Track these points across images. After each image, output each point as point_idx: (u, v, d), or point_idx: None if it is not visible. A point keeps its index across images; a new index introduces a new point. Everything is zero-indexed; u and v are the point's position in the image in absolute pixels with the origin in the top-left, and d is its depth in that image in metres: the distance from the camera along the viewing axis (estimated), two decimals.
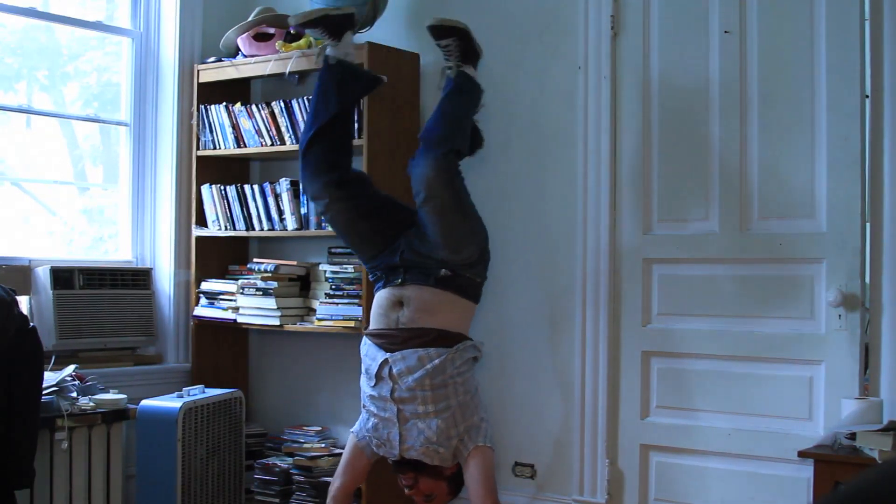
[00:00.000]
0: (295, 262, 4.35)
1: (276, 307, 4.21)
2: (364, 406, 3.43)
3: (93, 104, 4.61)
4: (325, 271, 4.20)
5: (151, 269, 4.50)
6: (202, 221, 4.52)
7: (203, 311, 4.47)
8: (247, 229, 4.41)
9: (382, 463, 3.61)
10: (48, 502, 3.61)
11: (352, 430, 3.47)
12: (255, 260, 4.42)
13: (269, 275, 4.24)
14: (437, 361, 3.25)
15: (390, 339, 3.31)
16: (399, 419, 3.30)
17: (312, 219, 4.19)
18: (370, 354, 3.36)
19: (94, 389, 3.86)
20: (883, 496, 1.24)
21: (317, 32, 3.64)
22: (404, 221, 3.43)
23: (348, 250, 4.20)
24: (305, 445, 4.25)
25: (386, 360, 3.29)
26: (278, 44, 4.25)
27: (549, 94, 3.91)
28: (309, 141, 3.51)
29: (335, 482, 3.49)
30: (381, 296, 3.39)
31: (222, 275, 4.54)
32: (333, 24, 3.61)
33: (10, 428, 3.29)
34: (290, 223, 4.25)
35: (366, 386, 3.40)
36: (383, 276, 3.39)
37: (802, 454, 2.85)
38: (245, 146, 4.38)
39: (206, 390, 4.06)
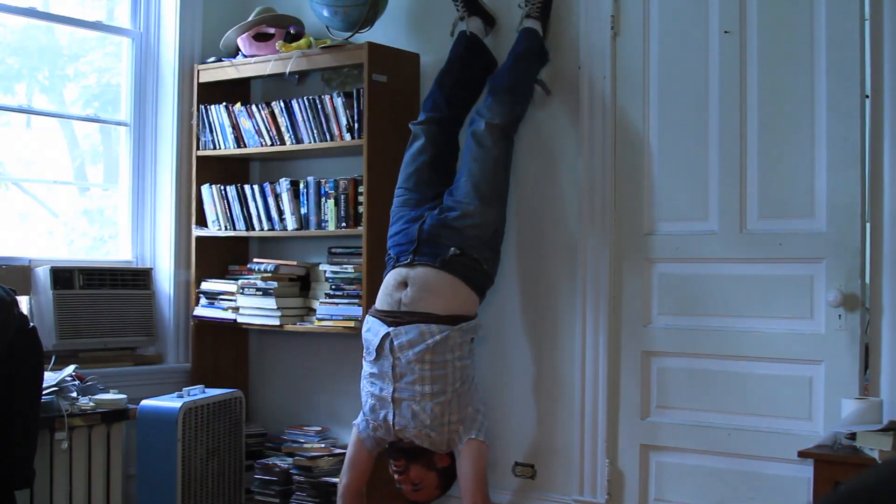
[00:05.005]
0: (295, 262, 4.35)
1: (276, 307, 4.21)
2: (363, 389, 3.48)
3: (93, 104, 4.61)
4: (325, 271, 4.20)
5: (151, 269, 4.50)
6: (202, 221, 4.52)
7: (203, 311, 4.47)
8: (247, 229, 4.41)
9: (383, 462, 3.62)
10: (48, 502, 3.61)
11: (354, 421, 3.54)
12: (255, 260, 4.42)
13: (269, 275, 4.24)
14: (438, 337, 3.35)
15: (393, 317, 3.41)
16: (394, 400, 3.34)
17: (312, 219, 4.19)
18: (372, 330, 3.47)
19: (94, 389, 3.86)
20: (883, 496, 1.24)
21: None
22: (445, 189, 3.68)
23: (348, 250, 4.21)
24: (305, 445, 4.25)
25: (388, 334, 3.38)
26: (278, 44, 4.25)
27: (550, 94, 3.91)
28: (444, 74, 3.88)
29: (342, 479, 3.56)
30: (388, 276, 3.55)
31: (222, 275, 4.54)
32: (473, 3, 3.93)
33: (10, 428, 3.29)
34: (290, 223, 4.25)
35: (366, 365, 3.46)
36: (395, 256, 3.56)
37: (802, 454, 2.85)
38: (245, 146, 4.38)
39: (206, 390, 4.06)
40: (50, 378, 3.65)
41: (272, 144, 4.30)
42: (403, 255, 3.52)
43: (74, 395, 3.73)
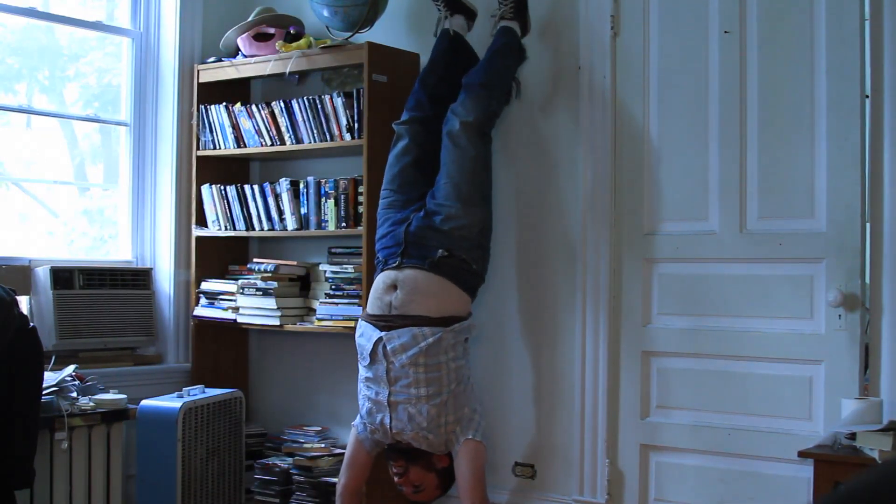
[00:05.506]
0: (295, 262, 4.35)
1: (276, 307, 4.21)
2: (360, 392, 3.49)
3: (93, 104, 4.61)
4: (325, 271, 4.20)
5: (151, 269, 4.50)
6: (202, 221, 4.52)
7: (203, 311, 4.47)
8: (247, 229, 4.41)
9: (383, 462, 3.62)
10: (48, 502, 3.61)
11: (353, 422, 3.54)
12: (255, 260, 4.42)
13: (269, 275, 4.24)
14: (430, 339, 3.34)
15: (385, 321, 3.40)
16: (390, 404, 3.34)
17: (312, 219, 4.19)
18: (365, 335, 3.46)
19: (94, 389, 3.86)
20: (882, 496, 1.24)
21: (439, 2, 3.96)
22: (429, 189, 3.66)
23: (348, 250, 4.21)
24: (305, 445, 4.25)
25: (380, 339, 3.37)
26: (278, 44, 4.25)
27: (548, 95, 3.91)
28: (426, 73, 3.90)
29: (340, 479, 3.56)
30: (377, 280, 3.53)
31: (222, 275, 4.54)
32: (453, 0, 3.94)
33: (10, 428, 3.29)
34: (290, 223, 4.25)
35: (361, 369, 3.48)
36: (383, 259, 3.54)
37: (802, 454, 2.85)
38: (245, 146, 4.38)
39: (206, 390, 4.06)
40: (50, 378, 3.65)
41: (272, 144, 4.30)
42: (391, 258, 3.51)
43: (74, 395, 3.73)
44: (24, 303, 4.01)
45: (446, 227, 3.48)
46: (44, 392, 3.51)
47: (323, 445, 4.24)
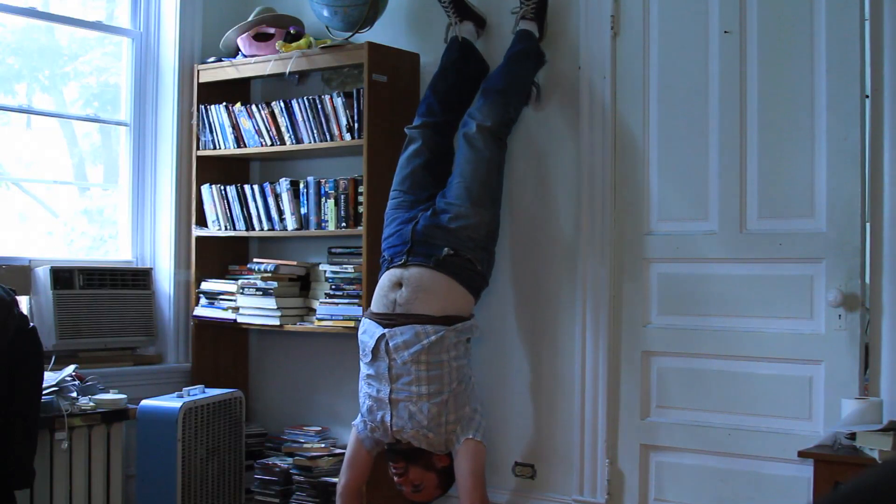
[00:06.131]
0: (295, 262, 4.35)
1: (276, 307, 4.21)
2: (361, 390, 3.50)
3: (93, 104, 4.61)
4: (325, 271, 4.20)
5: (151, 269, 4.50)
6: (202, 221, 4.52)
7: (203, 311, 4.47)
8: (247, 229, 4.41)
9: (383, 462, 3.62)
10: (48, 502, 3.61)
11: (353, 422, 3.54)
12: (255, 260, 4.42)
13: (269, 275, 4.25)
14: (433, 337, 3.35)
15: (388, 318, 3.42)
16: (391, 402, 3.34)
17: (312, 219, 4.19)
18: (368, 332, 3.47)
19: (94, 389, 3.86)
20: (882, 496, 1.24)
21: (446, 4, 3.95)
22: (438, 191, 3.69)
23: (348, 250, 4.21)
24: (305, 445, 4.25)
25: (383, 335, 3.39)
26: (278, 44, 4.25)
27: (549, 95, 3.91)
28: (438, 78, 3.93)
29: (341, 479, 3.57)
30: (383, 277, 3.55)
31: (222, 275, 4.54)
32: (463, 7, 3.95)
33: (10, 428, 3.29)
34: (290, 223, 4.26)
35: (363, 367, 3.49)
36: (389, 257, 3.56)
37: (802, 454, 2.85)
38: (245, 146, 4.39)
39: (206, 390, 4.06)
40: (50, 378, 3.65)
41: (272, 144, 4.30)
42: (397, 257, 3.52)
43: (74, 395, 3.73)
44: (24, 303, 4.01)
45: (453, 226, 3.49)
46: (44, 392, 3.51)
47: (323, 445, 4.24)
